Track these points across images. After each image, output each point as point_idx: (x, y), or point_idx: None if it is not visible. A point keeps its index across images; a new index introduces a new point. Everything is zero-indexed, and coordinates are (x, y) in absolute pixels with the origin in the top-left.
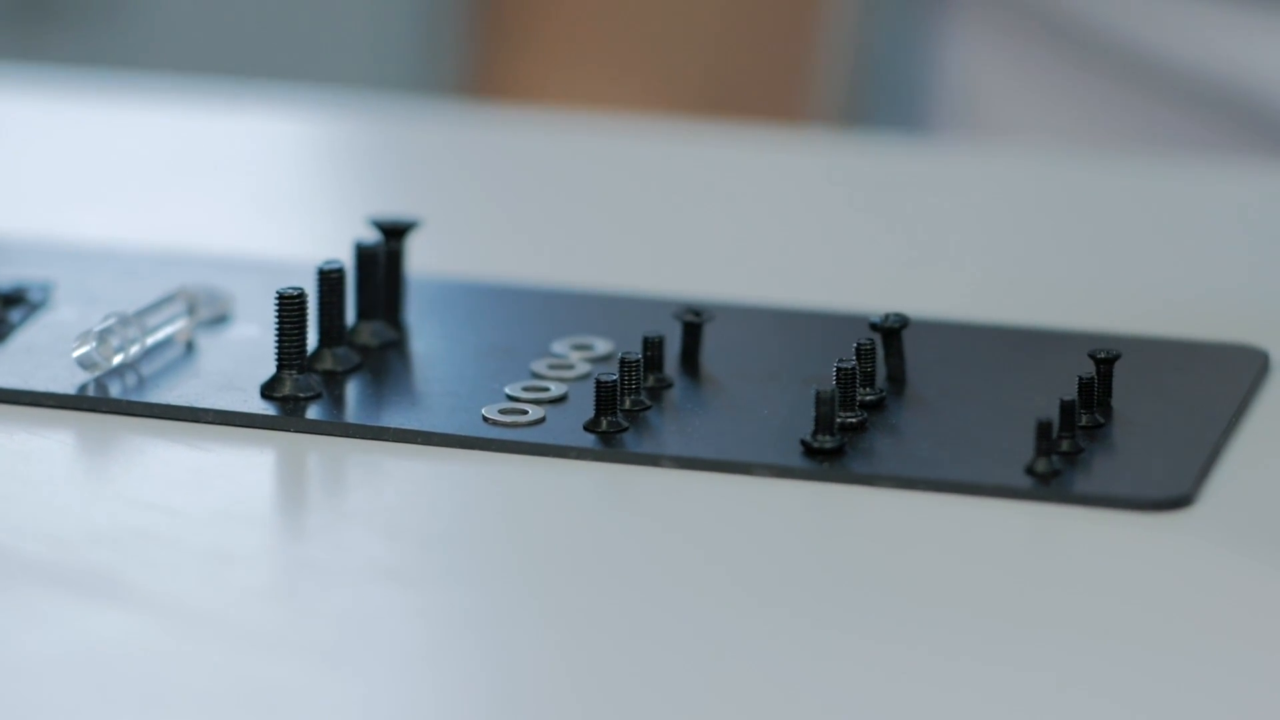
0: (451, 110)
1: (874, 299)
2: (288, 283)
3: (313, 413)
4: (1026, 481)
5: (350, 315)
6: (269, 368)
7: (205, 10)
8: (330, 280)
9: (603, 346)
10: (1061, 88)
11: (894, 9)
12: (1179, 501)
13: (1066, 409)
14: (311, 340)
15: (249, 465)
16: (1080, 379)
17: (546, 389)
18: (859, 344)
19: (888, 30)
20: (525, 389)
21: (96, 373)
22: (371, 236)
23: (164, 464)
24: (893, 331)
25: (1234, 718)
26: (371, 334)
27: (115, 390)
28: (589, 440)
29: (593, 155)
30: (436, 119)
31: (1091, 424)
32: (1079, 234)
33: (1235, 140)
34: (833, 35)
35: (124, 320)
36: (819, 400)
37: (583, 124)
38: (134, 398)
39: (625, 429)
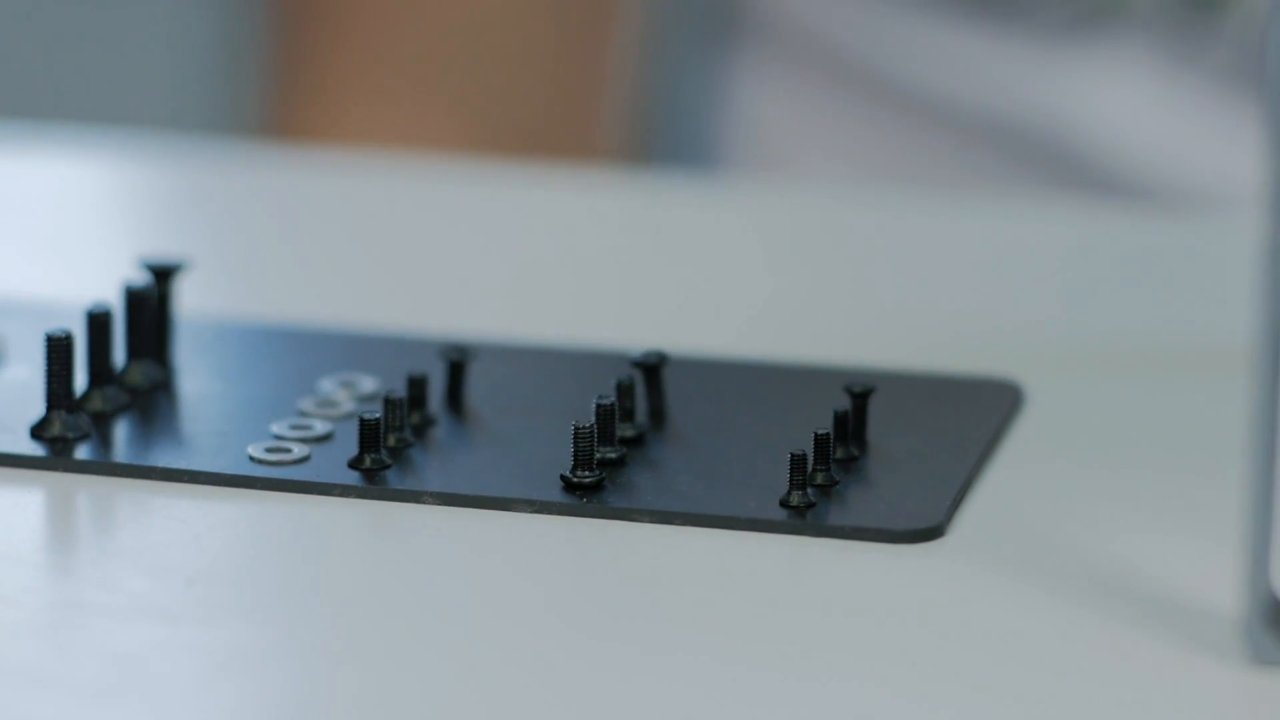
0: (236, 151)
1: (645, 336)
2: (59, 324)
3: (81, 453)
4: (781, 514)
5: (121, 356)
6: (39, 409)
7: None
8: (98, 322)
9: (369, 385)
10: (846, 126)
11: (682, 47)
12: (930, 533)
13: (821, 442)
14: (83, 382)
15: (17, 505)
16: (835, 413)
17: (311, 427)
18: (619, 380)
19: (675, 69)
20: (292, 427)
21: None
22: (143, 278)
23: None
24: (652, 368)
25: None
26: (141, 375)
27: None
28: (352, 477)
29: (370, 194)
30: (218, 160)
31: (846, 457)
32: (845, 270)
33: (1008, 176)
34: (622, 74)
35: None
36: (577, 435)
37: (362, 163)
38: None
39: (388, 466)
